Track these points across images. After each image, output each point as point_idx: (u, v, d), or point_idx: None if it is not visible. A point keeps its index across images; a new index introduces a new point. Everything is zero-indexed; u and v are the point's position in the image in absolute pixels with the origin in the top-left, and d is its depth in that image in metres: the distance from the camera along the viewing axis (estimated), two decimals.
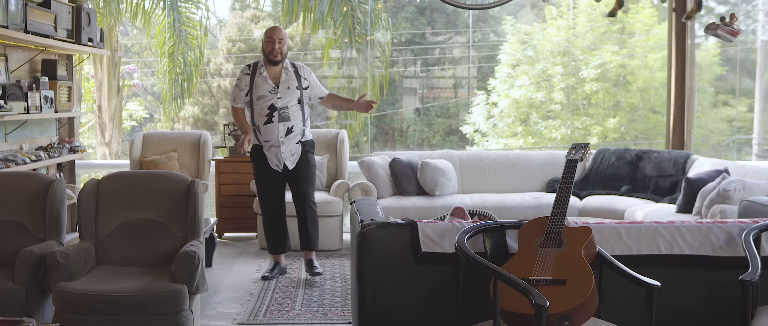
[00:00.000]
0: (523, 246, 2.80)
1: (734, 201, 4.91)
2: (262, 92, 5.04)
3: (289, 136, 5.03)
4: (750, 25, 12.98)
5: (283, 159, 5.06)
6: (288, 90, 5.05)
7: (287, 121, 5.02)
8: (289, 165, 5.08)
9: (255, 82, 5.07)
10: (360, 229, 3.01)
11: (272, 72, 5.08)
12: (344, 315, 4.36)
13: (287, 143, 5.04)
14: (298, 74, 5.13)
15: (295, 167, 5.10)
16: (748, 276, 2.66)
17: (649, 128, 13.98)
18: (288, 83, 5.06)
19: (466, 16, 14.14)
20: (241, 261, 5.87)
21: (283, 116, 5.02)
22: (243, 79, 5.13)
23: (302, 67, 5.22)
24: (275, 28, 5.12)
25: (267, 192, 5.19)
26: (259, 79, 5.07)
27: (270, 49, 5.05)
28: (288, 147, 5.05)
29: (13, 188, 4.09)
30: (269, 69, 5.09)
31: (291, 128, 5.03)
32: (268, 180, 5.15)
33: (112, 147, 10.51)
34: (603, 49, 13.78)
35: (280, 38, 5.07)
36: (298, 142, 5.09)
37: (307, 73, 5.21)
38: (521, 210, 6.07)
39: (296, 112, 5.06)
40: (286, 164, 5.07)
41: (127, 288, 3.53)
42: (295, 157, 5.10)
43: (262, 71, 5.08)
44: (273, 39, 5.05)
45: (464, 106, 14.82)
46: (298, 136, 5.08)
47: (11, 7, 4.54)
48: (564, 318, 2.49)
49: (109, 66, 10.21)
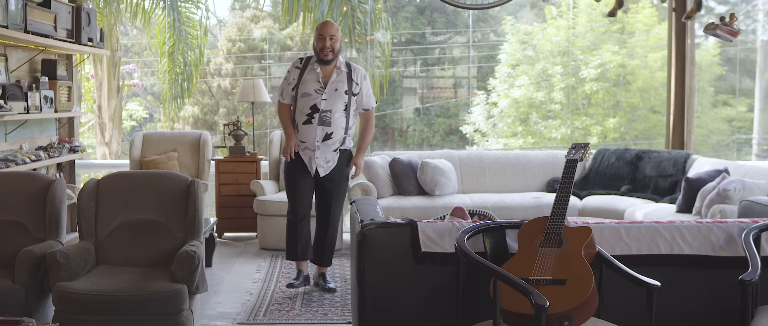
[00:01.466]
0: (523, 246, 2.80)
1: (734, 201, 4.91)
2: (307, 89, 4.64)
3: (326, 141, 4.63)
4: (750, 25, 12.98)
5: (316, 165, 4.68)
6: (335, 92, 4.63)
7: (327, 126, 4.61)
8: (321, 172, 4.69)
9: (304, 77, 4.67)
10: (360, 229, 3.01)
11: (324, 70, 4.65)
12: (344, 314, 4.36)
13: (323, 149, 4.65)
14: (350, 78, 4.69)
15: (328, 177, 4.71)
16: (748, 276, 2.66)
17: (649, 128, 13.98)
18: (337, 85, 4.64)
19: (466, 16, 14.14)
20: (241, 261, 5.87)
21: (324, 120, 4.60)
22: (292, 72, 4.72)
23: (357, 71, 4.74)
24: (326, 22, 4.69)
25: (297, 194, 4.78)
26: (309, 74, 4.66)
27: (321, 46, 4.60)
28: (324, 153, 4.66)
29: (13, 188, 4.09)
30: (322, 67, 4.65)
31: (330, 134, 4.62)
32: (300, 181, 4.76)
33: (112, 147, 10.51)
34: (603, 49, 13.79)
35: (331, 34, 4.60)
36: (337, 150, 4.69)
37: (361, 78, 4.73)
38: (521, 210, 6.07)
39: (340, 118, 4.63)
40: (318, 171, 4.69)
41: (127, 288, 3.53)
42: (330, 165, 4.70)
43: (315, 66, 4.66)
44: (324, 35, 4.60)
45: (464, 106, 14.82)
46: (337, 144, 4.67)
47: (11, 7, 4.54)
48: (564, 318, 2.49)
49: (109, 66, 10.21)
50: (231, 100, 14.79)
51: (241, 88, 7.03)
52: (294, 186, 4.79)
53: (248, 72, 14.83)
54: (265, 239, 6.21)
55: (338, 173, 4.73)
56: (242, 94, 6.94)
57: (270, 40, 14.87)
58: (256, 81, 6.98)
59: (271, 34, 14.86)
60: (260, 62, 14.80)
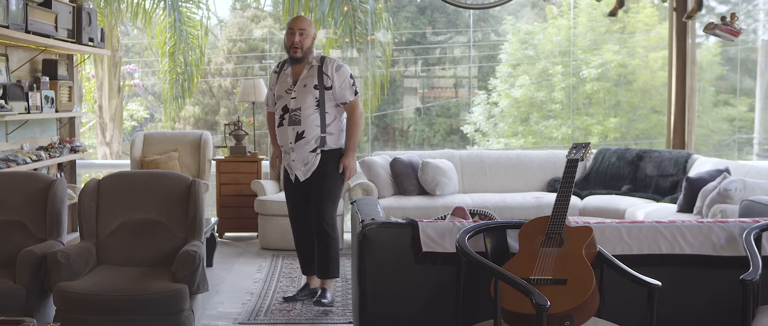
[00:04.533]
0: (524, 245, 2.80)
1: (735, 200, 4.91)
2: (280, 91, 4.48)
3: (299, 142, 4.39)
4: (751, 25, 12.96)
5: (294, 168, 4.47)
6: (303, 88, 4.37)
7: (297, 125, 4.37)
8: (300, 175, 4.46)
9: (279, 79, 4.52)
10: (361, 229, 3.01)
11: (295, 69, 4.46)
12: (345, 314, 4.36)
13: (298, 150, 4.41)
14: (321, 71, 4.38)
15: (309, 180, 4.46)
16: (748, 275, 2.66)
17: (650, 128, 13.98)
18: (305, 81, 4.39)
19: (467, 16, 14.13)
20: (241, 260, 5.87)
21: (294, 119, 4.38)
22: (272, 77, 4.60)
23: (330, 62, 4.41)
24: (298, 17, 4.46)
25: (288, 203, 4.65)
26: (282, 76, 4.50)
27: (290, 42, 4.38)
28: (299, 155, 4.41)
29: (14, 188, 4.09)
30: (293, 66, 4.46)
31: (302, 134, 4.37)
32: (288, 190, 4.61)
33: (113, 147, 10.52)
34: (604, 49, 13.78)
35: (301, 29, 4.36)
36: (315, 150, 4.41)
37: (333, 69, 4.39)
38: (522, 210, 6.07)
39: (311, 115, 4.36)
40: (297, 175, 4.47)
41: (127, 288, 3.53)
42: (309, 167, 4.43)
43: (286, 68, 4.49)
44: (293, 29, 4.37)
45: (465, 106, 14.82)
46: (313, 144, 4.40)
47: (12, 7, 4.54)
48: (565, 318, 2.49)
49: (110, 66, 10.21)
50: (232, 100, 14.79)
51: (241, 87, 7.03)
52: (285, 194, 4.67)
53: (249, 72, 14.83)
54: (266, 239, 6.22)
55: (320, 173, 4.43)
56: (243, 93, 6.94)
57: (271, 40, 14.87)
58: (257, 81, 6.98)
59: (272, 34, 14.85)
60: (261, 62, 14.80)
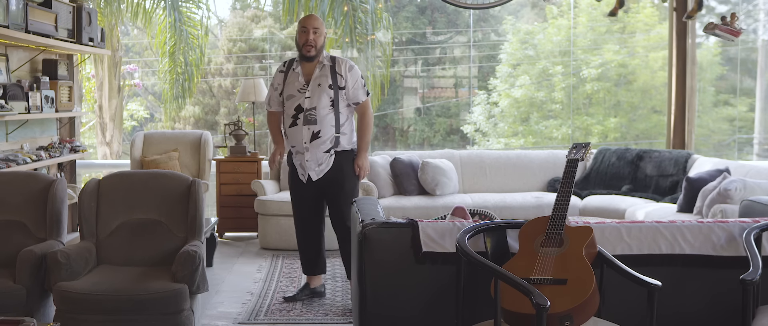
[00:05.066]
0: (524, 245, 2.80)
1: (735, 200, 4.91)
2: (291, 91, 4.43)
3: (315, 142, 4.37)
4: (751, 25, 12.96)
5: (307, 168, 4.43)
6: (318, 88, 4.36)
7: (313, 125, 4.35)
8: (313, 176, 4.43)
9: (288, 79, 4.48)
10: (361, 229, 3.01)
11: (306, 68, 4.44)
12: (345, 314, 4.36)
13: (313, 150, 4.38)
14: (334, 71, 4.40)
15: (323, 181, 4.45)
16: (749, 275, 2.66)
17: (650, 128, 13.98)
18: (319, 80, 4.38)
19: (467, 16, 14.13)
20: (241, 260, 5.87)
21: (309, 118, 4.35)
22: (277, 77, 4.54)
23: (342, 63, 4.43)
24: (310, 16, 4.47)
25: (295, 203, 4.62)
26: (291, 76, 4.46)
27: (303, 40, 4.37)
28: (314, 155, 4.39)
29: (14, 188, 4.09)
30: (303, 65, 4.45)
31: (318, 133, 4.36)
32: (296, 190, 4.56)
33: (113, 147, 10.52)
34: (604, 49, 13.78)
35: (315, 27, 4.37)
36: (329, 150, 4.40)
37: (346, 69, 4.41)
38: (522, 210, 6.08)
39: (327, 115, 4.36)
40: (310, 175, 4.43)
41: (127, 288, 3.53)
42: (323, 168, 4.42)
43: (295, 67, 4.47)
44: (307, 28, 4.37)
45: (465, 106, 14.82)
46: (328, 144, 4.39)
47: (12, 7, 4.54)
48: (565, 318, 2.49)
49: (110, 66, 10.22)
50: (232, 100, 14.79)
51: (241, 87, 7.03)
52: (292, 194, 4.63)
53: (249, 72, 14.83)
54: (266, 239, 6.22)
55: (339, 177, 4.44)
56: (243, 93, 6.94)
57: (271, 40, 14.87)
58: (257, 81, 6.98)
59: (272, 34, 14.85)
60: (261, 62, 14.80)
